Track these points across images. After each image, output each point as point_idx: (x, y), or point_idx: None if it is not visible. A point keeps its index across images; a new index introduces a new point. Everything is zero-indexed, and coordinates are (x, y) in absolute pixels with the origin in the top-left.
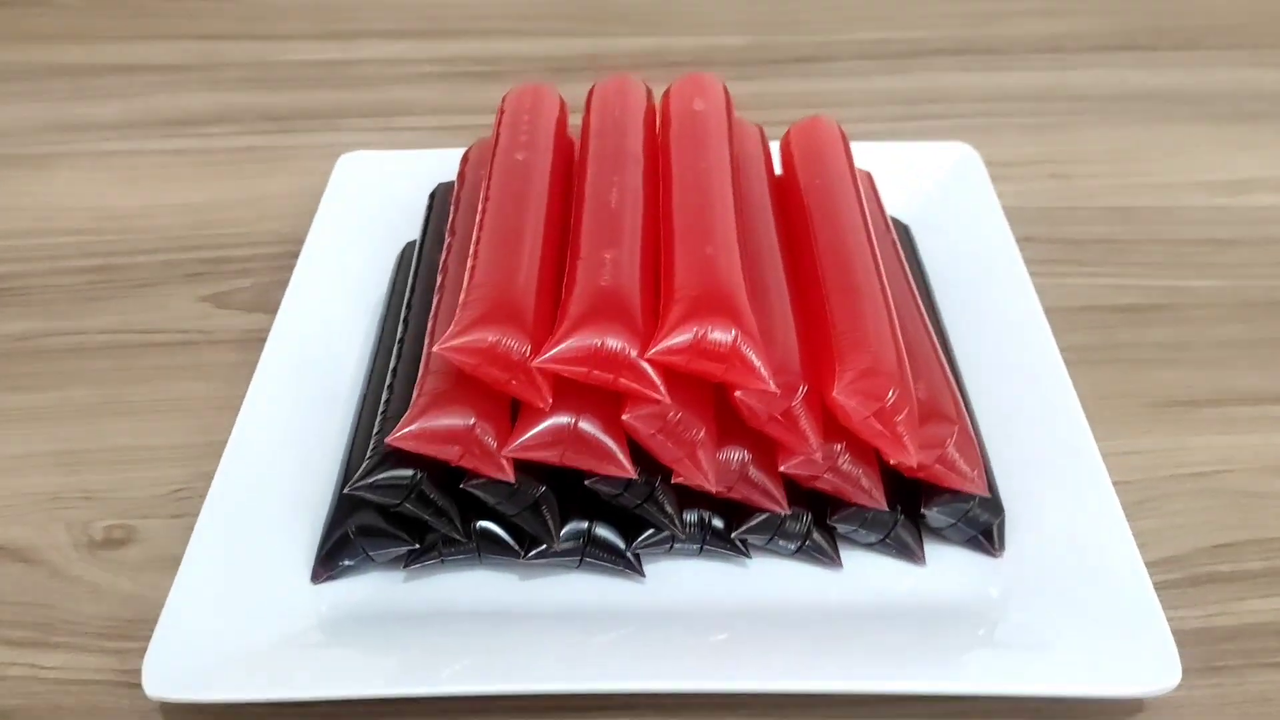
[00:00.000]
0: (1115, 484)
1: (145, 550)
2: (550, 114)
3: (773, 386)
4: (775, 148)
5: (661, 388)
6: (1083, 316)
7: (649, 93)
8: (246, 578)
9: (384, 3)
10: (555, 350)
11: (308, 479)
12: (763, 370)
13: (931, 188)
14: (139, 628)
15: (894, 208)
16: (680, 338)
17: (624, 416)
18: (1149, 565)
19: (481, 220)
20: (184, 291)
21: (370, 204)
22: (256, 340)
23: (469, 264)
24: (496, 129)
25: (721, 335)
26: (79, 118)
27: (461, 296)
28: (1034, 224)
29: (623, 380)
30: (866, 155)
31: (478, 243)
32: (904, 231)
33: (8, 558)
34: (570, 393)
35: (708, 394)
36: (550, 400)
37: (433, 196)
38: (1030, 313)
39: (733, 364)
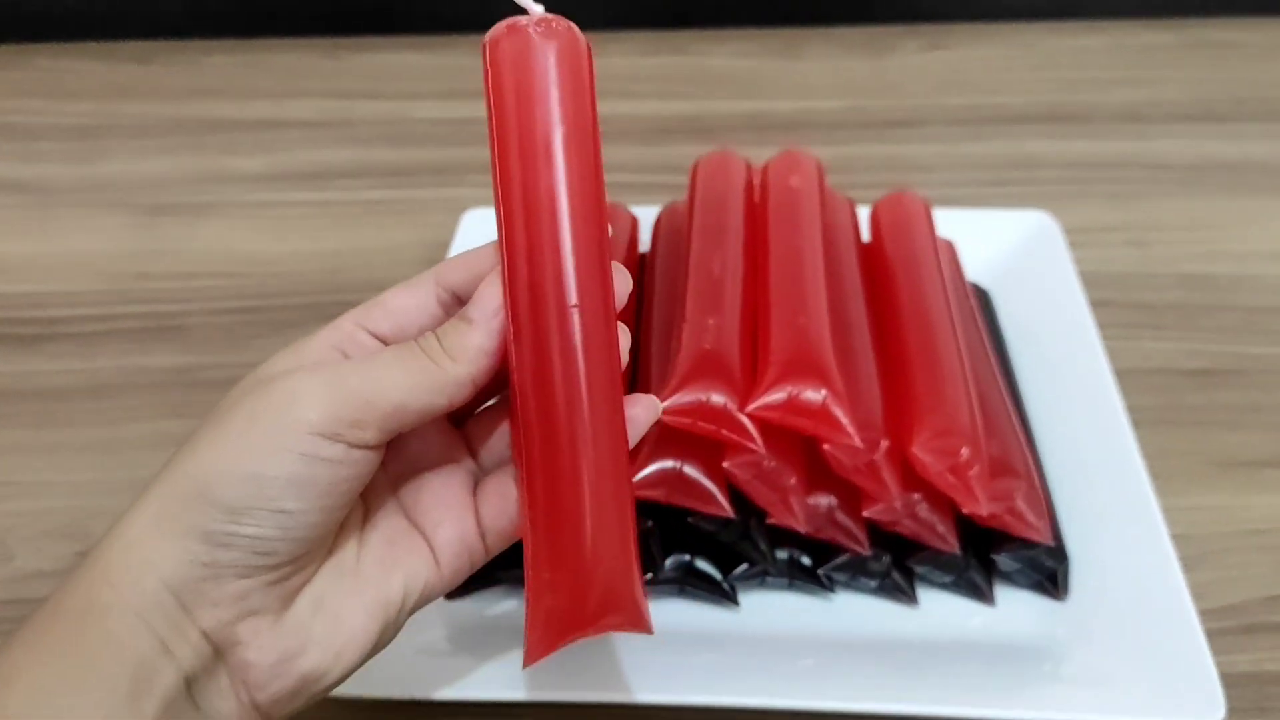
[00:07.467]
0: (1177, 537)
1: None
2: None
3: (858, 441)
4: (864, 214)
5: (758, 439)
6: (1154, 379)
7: (749, 167)
8: None
9: None
10: (665, 404)
11: None
12: (849, 426)
13: (1010, 254)
14: None
15: (975, 273)
16: (775, 396)
17: (725, 464)
18: (1206, 613)
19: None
20: None
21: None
22: None
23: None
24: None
25: (813, 395)
26: (229, 170)
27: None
28: (1110, 288)
29: (724, 431)
30: (949, 222)
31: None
32: (983, 297)
33: None
34: (675, 440)
35: (799, 446)
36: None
37: None
38: (1099, 374)
39: (822, 420)
